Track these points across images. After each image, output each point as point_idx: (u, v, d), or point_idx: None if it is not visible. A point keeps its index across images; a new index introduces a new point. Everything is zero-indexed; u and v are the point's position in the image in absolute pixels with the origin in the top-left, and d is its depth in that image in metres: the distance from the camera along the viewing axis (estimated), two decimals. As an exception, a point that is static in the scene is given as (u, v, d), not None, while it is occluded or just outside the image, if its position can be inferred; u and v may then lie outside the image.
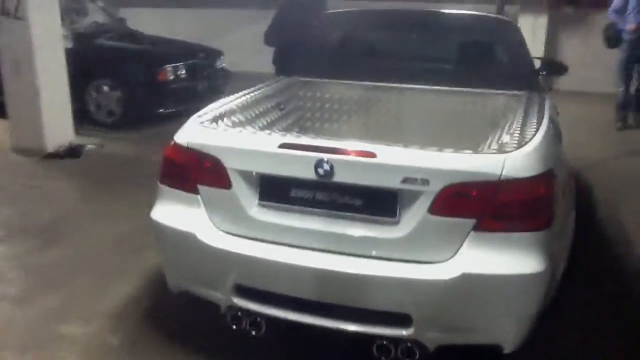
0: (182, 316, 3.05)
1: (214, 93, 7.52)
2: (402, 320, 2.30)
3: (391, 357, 2.36)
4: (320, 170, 2.28)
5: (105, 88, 6.86)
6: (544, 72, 3.85)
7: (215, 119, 2.73)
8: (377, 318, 2.34)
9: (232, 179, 2.45)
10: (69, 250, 3.83)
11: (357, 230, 2.34)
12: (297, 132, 2.48)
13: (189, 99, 7.18)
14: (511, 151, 2.26)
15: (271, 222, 2.43)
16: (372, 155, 2.25)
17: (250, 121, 3.01)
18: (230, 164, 2.45)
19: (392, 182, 2.25)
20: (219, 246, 2.46)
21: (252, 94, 3.28)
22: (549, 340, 2.73)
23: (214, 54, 7.65)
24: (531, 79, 3.56)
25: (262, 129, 3.08)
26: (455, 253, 2.25)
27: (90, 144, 6.08)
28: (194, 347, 2.81)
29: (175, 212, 2.59)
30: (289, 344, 2.77)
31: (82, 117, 6.57)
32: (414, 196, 2.25)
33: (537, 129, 2.53)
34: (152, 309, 3.15)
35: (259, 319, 2.50)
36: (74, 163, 5.71)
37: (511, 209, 2.23)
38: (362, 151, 2.27)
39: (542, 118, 2.75)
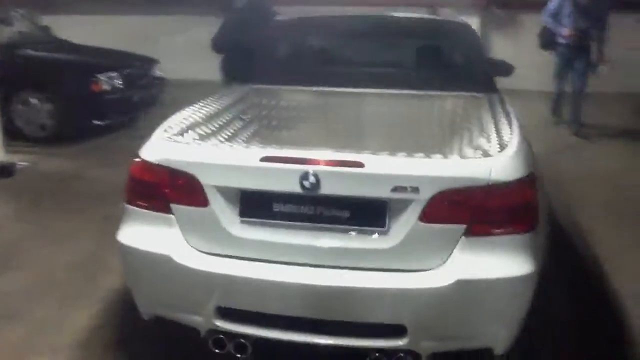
0: (154, 344, 2.89)
1: (151, 103, 7.28)
2: (396, 330, 2.25)
3: (384, 369, 2.31)
4: (306, 183, 2.19)
5: (34, 101, 6.46)
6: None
7: (181, 133, 2.59)
8: (370, 330, 2.29)
9: (209, 196, 2.31)
10: (19, 277, 3.57)
11: (345, 242, 2.27)
12: (277, 144, 2.37)
13: (127, 110, 6.92)
14: (496, 155, 2.26)
15: (254, 239, 2.32)
16: (360, 165, 2.19)
17: (215, 133, 2.87)
18: (208, 180, 2.31)
19: (382, 192, 2.19)
20: (199, 267, 2.32)
21: (211, 105, 3.13)
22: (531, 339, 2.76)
23: (149, 62, 7.38)
24: (488, 81, 3.61)
25: (228, 140, 2.96)
26: (447, 260, 2.22)
27: (22, 161, 5.70)
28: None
29: (146, 234, 2.43)
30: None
31: (12, 133, 6.16)
32: (403, 205, 2.20)
33: (512, 132, 2.54)
34: (119, 338, 2.96)
35: (244, 341, 2.38)
36: (7, 183, 5.34)
37: (500, 212, 2.22)
38: (349, 161, 2.20)
39: (512, 120, 2.77)
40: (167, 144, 2.46)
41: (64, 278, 3.57)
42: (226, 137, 2.87)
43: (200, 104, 3.11)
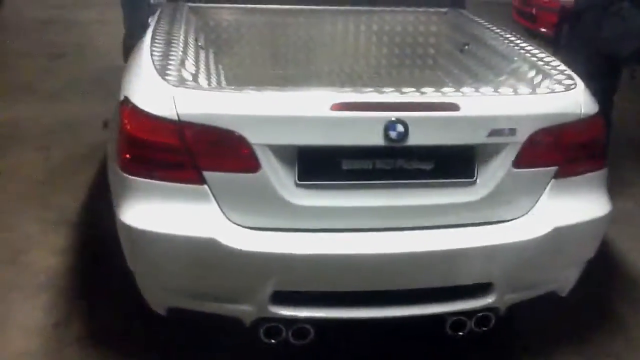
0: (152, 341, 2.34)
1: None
2: (482, 288, 2.02)
3: (466, 330, 2.09)
4: (392, 134, 1.78)
5: None
6: None
7: (194, 77, 1.98)
8: (454, 293, 2.02)
9: (260, 157, 1.80)
10: None
11: (430, 199, 1.94)
12: (347, 86, 1.90)
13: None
14: (574, 87, 2.04)
15: (319, 205, 1.88)
16: (456, 107, 1.82)
17: (205, 69, 2.29)
18: (258, 138, 1.78)
19: (477, 137, 1.87)
20: (252, 249, 1.82)
21: (166, 32, 2.44)
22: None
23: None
24: None
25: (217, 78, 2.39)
26: (534, 206, 2.00)
27: None
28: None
29: (169, 213, 1.85)
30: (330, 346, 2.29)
31: None
32: (495, 150, 1.91)
33: (551, 57, 2.33)
34: (90, 333, 2.36)
35: (307, 326, 1.98)
36: None
37: (588, 148, 2.06)
38: (444, 104, 1.83)
39: (528, 42, 2.54)
40: (189, 93, 1.84)
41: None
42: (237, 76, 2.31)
43: (152, 32, 2.40)
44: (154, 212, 1.85)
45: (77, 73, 5.44)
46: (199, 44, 2.68)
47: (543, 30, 5.89)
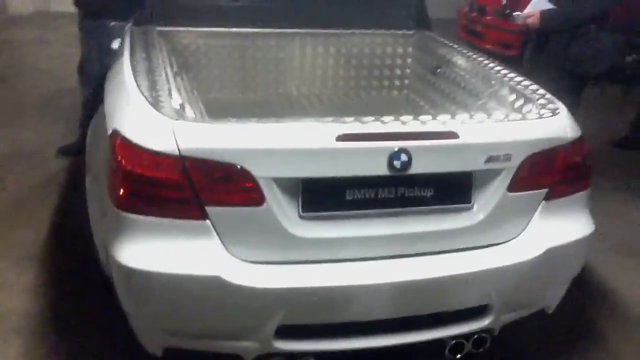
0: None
1: None
2: (481, 311, 2.06)
3: (464, 353, 2.12)
4: (397, 163, 1.80)
5: None
6: None
7: (182, 107, 1.93)
8: (453, 317, 2.05)
9: (265, 191, 1.77)
10: None
11: (429, 225, 1.95)
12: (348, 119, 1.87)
13: None
14: (559, 112, 2.12)
15: (323, 237, 1.87)
16: (455, 135, 1.86)
17: (195, 97, 2.24)
18: (263, 171, 1.75)
19: (475, 164, 1.91)
20: (258, 284, 1.79)
21: (142, 59, 2.37)
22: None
23: None
24: (421, 15, 3.37)
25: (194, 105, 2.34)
26: (526, 227, 2.06)
27: None
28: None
29: (169, 251, 1.78)
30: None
31: None
32: (491, 175, 1.96)
33: (531, 82, 2.41)
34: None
35: (309, 358, 1.96)
36: None
37: (575, 170, 2.13)
38: (444, 132, 1.85)
39: (503, 66, 2.63)
40: (190, 126, 1.79)
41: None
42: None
43: (127, 58, 2.33)
44: (154, 250, 1.78)
45: (22, 98, 5.20)
46: (174, 70, 2.63)
47: (489, 47, 6.11)
